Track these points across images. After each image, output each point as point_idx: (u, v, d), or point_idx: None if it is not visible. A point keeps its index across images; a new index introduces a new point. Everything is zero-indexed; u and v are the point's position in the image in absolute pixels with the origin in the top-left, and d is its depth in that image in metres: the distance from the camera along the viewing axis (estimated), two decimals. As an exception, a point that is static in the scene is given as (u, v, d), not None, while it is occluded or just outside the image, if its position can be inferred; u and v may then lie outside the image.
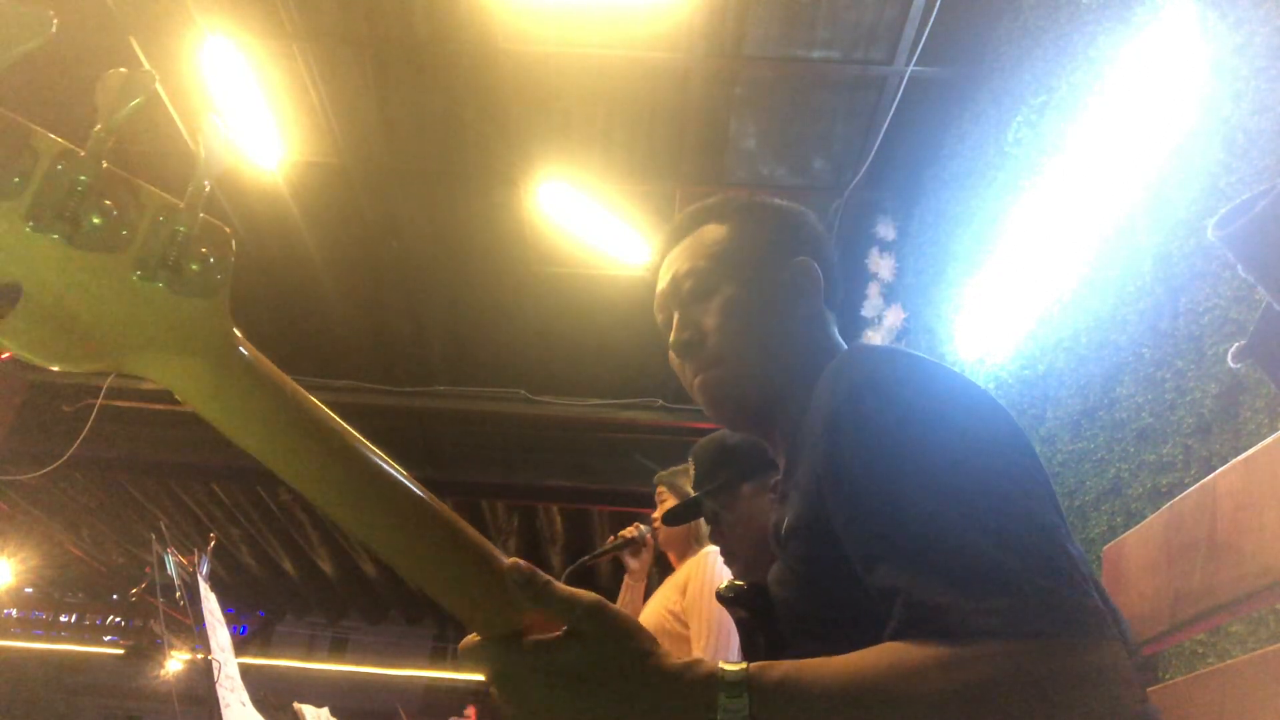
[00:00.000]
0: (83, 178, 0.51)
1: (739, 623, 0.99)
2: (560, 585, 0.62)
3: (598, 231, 4.12)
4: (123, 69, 0.52)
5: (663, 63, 3.54)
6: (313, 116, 3.86)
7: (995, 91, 3.07)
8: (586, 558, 2.61)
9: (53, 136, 0.51)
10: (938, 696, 0.60)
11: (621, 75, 3.60)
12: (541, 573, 0.62)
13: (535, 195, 4.04)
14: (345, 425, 0.63)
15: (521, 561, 0.62)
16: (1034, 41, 2.76)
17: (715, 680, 0.60)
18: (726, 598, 0.99)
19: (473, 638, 0.64)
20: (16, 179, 0.49)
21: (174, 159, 4.03)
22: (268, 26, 3.46)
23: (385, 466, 0.62)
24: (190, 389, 0.57)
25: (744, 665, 0.61)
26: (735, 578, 1.52)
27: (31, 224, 0.50)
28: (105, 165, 0.52)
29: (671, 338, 1.01)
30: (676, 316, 1.02)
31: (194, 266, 0.55)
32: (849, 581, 0.73)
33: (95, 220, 0.51)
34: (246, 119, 3.67)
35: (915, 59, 3.29)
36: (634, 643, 0.61)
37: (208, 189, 0.56)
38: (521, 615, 0.62)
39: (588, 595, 0.62)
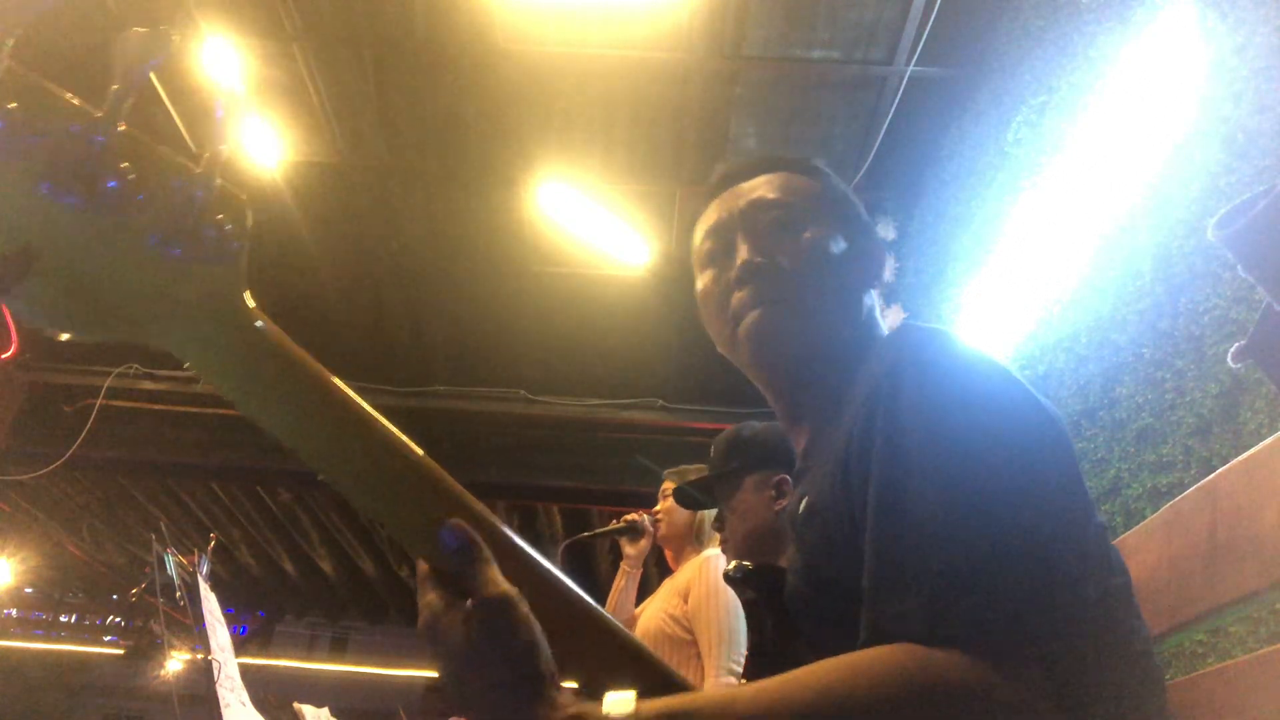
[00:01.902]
0: (99, 139, 0.49)
1: (746, 605, 0.97)
2: (486, 569, 0.57)
3: (598, 231, 4.12)
4: (140, 29, 0.51)
5: (663, 63, 3.54)
6: (313, 116, 3.86)
7: (995, 91, 3.07)
8: (584, 534, 2.65)
9: (68, 96, 0.49)
10: (838, 696, 0.57)
11: (621, 75, 3.60)
12: (480, 547, 0.57)
13: (535, 195, 4.04)
14: (359, 399, 0.62)
15: (462, 527, 0.58)
16: (1034, 41, 2.76)
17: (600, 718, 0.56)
18: (735, 578, 0.97)
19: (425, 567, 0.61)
20: (32, 139, 0.48)
21: (174, 159, 4.03)
22: (267, 27, 3.46)
23: (397, 438, 0.62)
24: (204, 358, 0.56)
25: (632, 703, 0.56)
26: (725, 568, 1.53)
27: (47, 186, 0.48)
28: (122, 127, 0.50)
29: (738, 260, 0.92)
30: (746, 244, 0.92)
31: (210, 233, 0.53)
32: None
33: (111, 184, 0.50)
34: (246, 119, 3.67)
35: (915, 59, 3.29)
36: (522, 667, 0.55)
37: (225, 154, 0.54)
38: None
39: (498, 592, 0.56)
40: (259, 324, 0.57)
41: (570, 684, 0.59)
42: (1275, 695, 0.78)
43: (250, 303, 0.57)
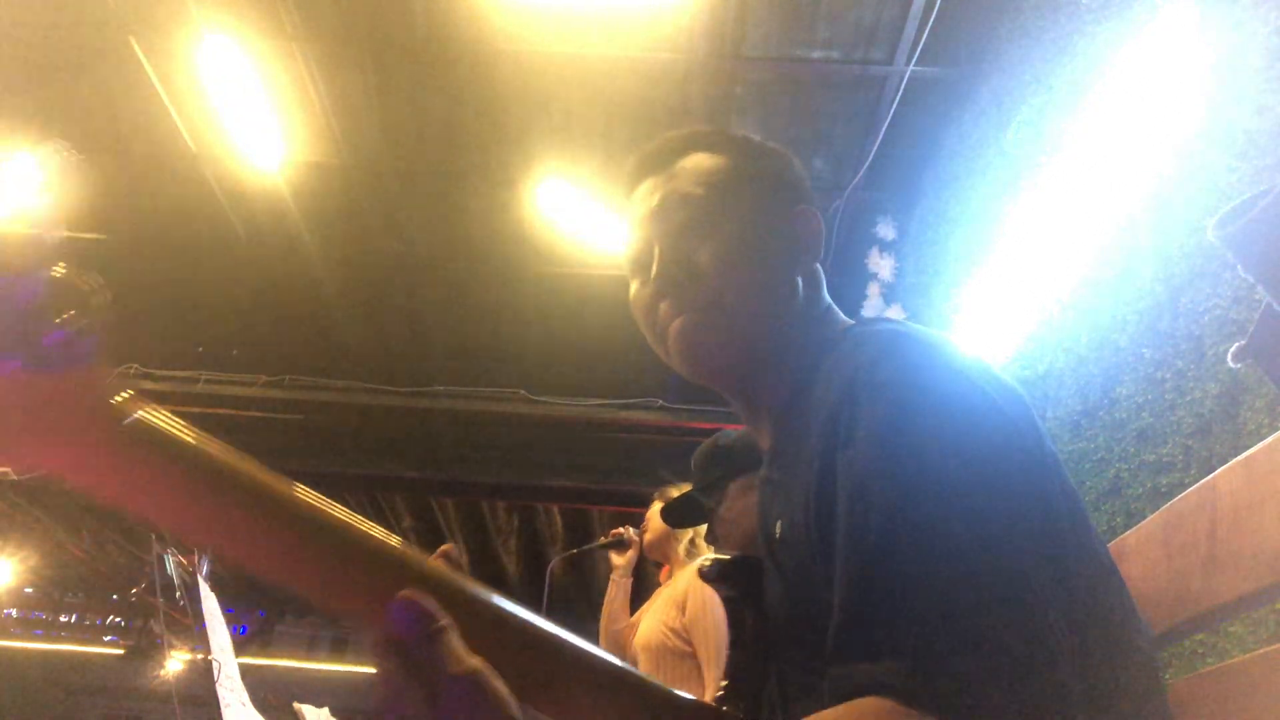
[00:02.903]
0: None
1: (725, 601, 0.94)
2: (447, 643, 0.52)
3: (598, 231, 4.12)
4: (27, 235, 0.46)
5: (663, 63, 3.54)
6: (313, 116, 3.86)
7: (995, 91, 3.07)
8: (574, 550, 2.71)
9: None
10: None
11: (622, 75, 3.60)
12: (435, 619, 0.53)
13: (535, 195, 4.04)
14: (268, 475, 0.54)
15: (412, 600, 0.52)
16: (1034, 41, 2.76)
17: None
18: (709, 575, 0.95)
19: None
20: None
21: (174, 159, 4.03)
22: (268, 27, 3.46)
23: (318, 508, 0.55)
24: (80, 477, 0.49)
25: None
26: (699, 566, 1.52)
27: None
28: None
29: (654, 270, 0.86)
30: (659, 248, 0.87)
31: (54, 336, 0.47)
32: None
33: None
34: (246, 119, 3.67)
35: (915, 59, 3.29)
36: None
37: (57, 238, 0.48)
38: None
39: (462, 670, 0.52)
40: (133, 419, 0.50)
41: None
42: (1275, 695, 0.77)
43: (120, 396, 0.50)
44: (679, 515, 1.98)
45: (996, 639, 0.57)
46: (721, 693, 0.87)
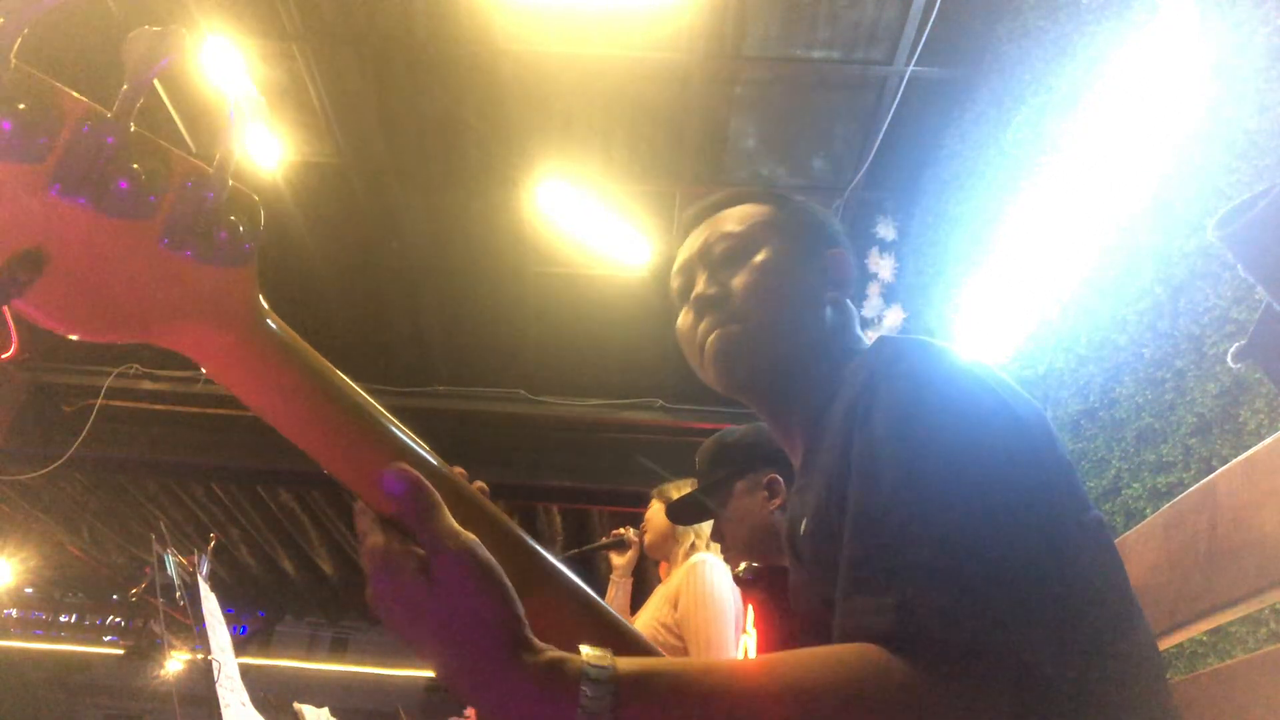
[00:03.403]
0: (109, 140, 0.48)
1: (757, 606, 0.99)
2: (440, 517, 0.55)
3: (598, 231, 4.12)
4: (150, 28, 0.50)
5: (663, 63, 3.54)
6: (313, 116, 3.86)
7: (995, 91, 3.07)
8: (574, 550, 2.71)
9: (78, 96, 0.49)
10: (800, 687, 0.58)
11: (622, 75, 3.60)
12: (430, 492, 0.55)
13: (535, 195, 4.04)
14: (372, 402, 0.62)
15: (407, 470, 0.56)
16: (1034, 41, 2.76)
17: (579, 670, 0.54)
18: (745, 580, 0.99)
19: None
20: (42, 140, 0.47)
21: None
22: (267, 26, 3.46)
23: (409, 443, 0.62)
24: (216, 361, 0.56)
25: (610, 657, 0.56)
26: (734, 571, 1.53)
27: (57, 187, 0.48)
28: (133, 127, 0.50)
29: (695, 292, 0.98)
30: (703, 275, 1.00)
31: (222, 234, 0.53)
32: None
33: (122, 185, 0.49)
34: (259, 119, 3.67)
35: (915, 59, 3.29)
36: (492, 616, 0.54)
37: (237, 155, 0.54)
38: None
39: (457, 545, 0.54)
40: (273, 326, 0.58)
41: None
42: (1275, 695, 0.78)
43: (263, 304, 0.57)
44: (684, 513, 1.98)
45: (990, 595, 0.60)
46: None
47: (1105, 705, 0.66)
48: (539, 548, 0.64)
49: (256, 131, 3.73)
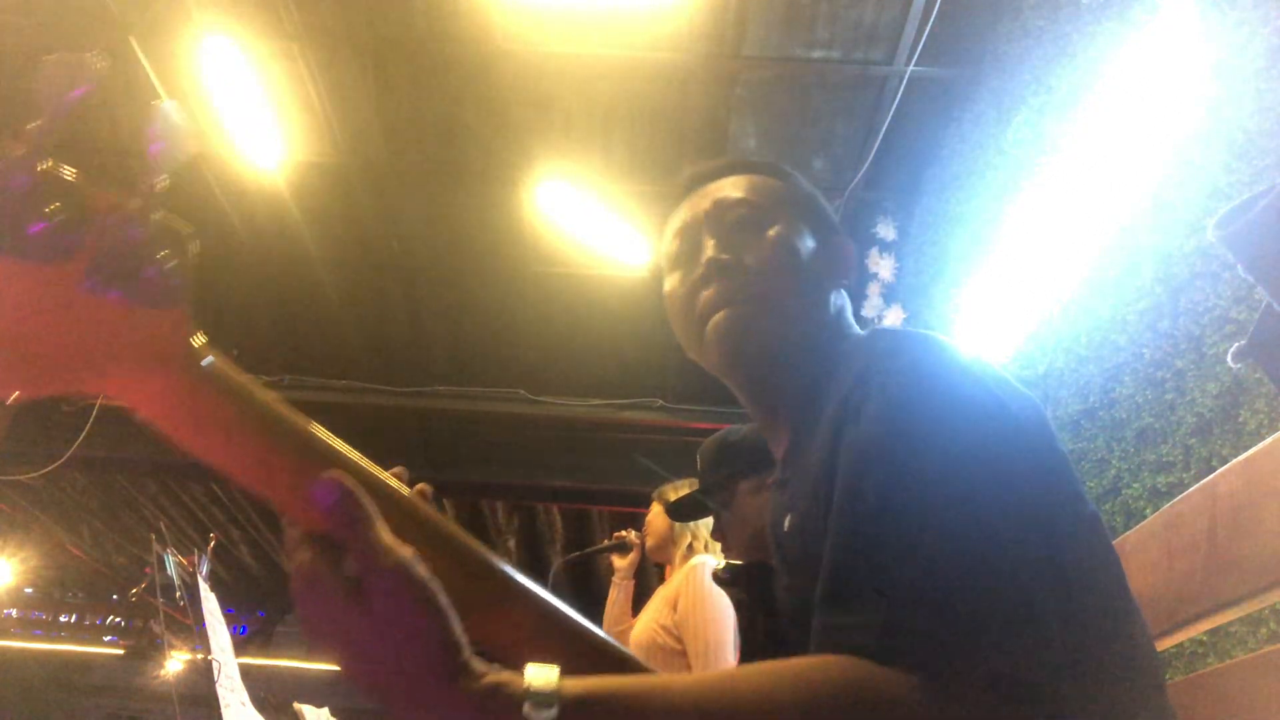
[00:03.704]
0: (20, 179, 0.45)
1: (737, 605, 0.96)
2: (372, 529, 0.50)
3: (598, 231, 4.12)
4: (64, 54, 0.47)
5: (663, 63, 3.54)
6: (313, 116, 3.86)
7: (995, 91, 3.07)
8: (576, 554, 2.71)
9: None
10: (759, 698, 0.56)
11: (622, 75, 3.60)
12: (361, 503, 0.51)
13: (535, 195, 4.04)
14: (319, 427, 0.57)
15: (338, 480, 0.51)
16: (1034, 41, 2.76)
17: (522, 693, 0.52)
18: (723, 579, 0.97)
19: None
20: None
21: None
22: (268, 27, 3.46)
23: (348, 457, 0.57)
24: (153, 407, 0.51)
25: (555, 679, 0.53)
26: (714, 570, 1.52)
27: None
28: (47, 164, 0.46)
29: (707, 256, 0.91)
30: (713, 240, 0.92)
31: (150, 272, 0.49)
32: None
33: (36, 227, 0.46)
34: (246, 119, 3.67)
35: (915, 59, 3.29)
36: (430, 639, 0.50)
37: (162, 184, 0.50)
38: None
39: (391, 560, 0.50)
40: (211, 364, 0.53)
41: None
42: (1275, 695, 0.78)
43: (199, 340, 0.52)
44: (685, 511, 1.98)
45: (979, 613, 0.58)
46: None
47: (1100, 710, 0.66)
48: (492, 558, 0.60)
49: (248, 129, 3.73)
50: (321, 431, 0.57)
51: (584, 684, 0.53)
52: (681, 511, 1.96)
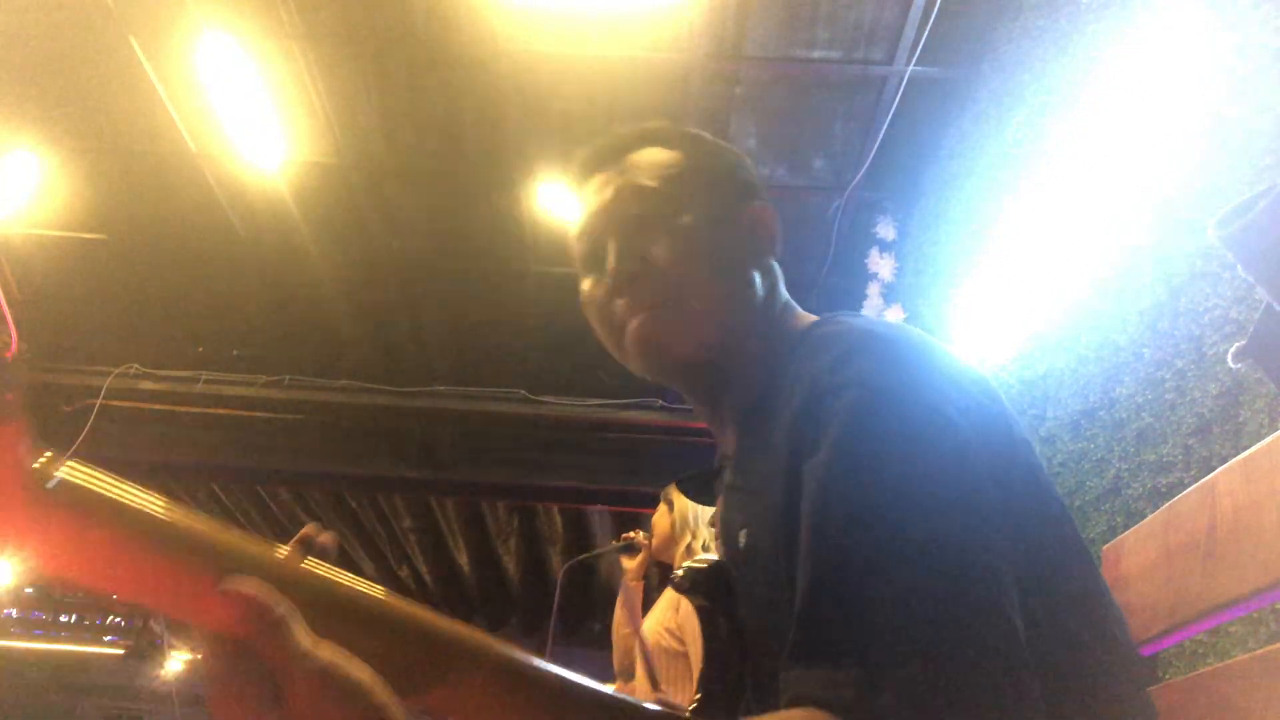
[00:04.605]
0: None
1: (698, 610, 0.90)
2: (288, 634, 0.45)
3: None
4: None
5: (663, 63, 3.54)
6: (313, 116, 3.86)
7: (995, 91, 3.07)
8: (583, 555, 2.69)
9: None
10: None
11: (621, 76, 3.60)
12: (270, 610, 0.45)
13: (535, 195, 4.04)
14: (209, 523, 0.50)
15: (239, 588, 0.45)
16: (1034, 41, 2.76)
17: None
18: (682, 586, 0.91)
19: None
20: None
21: (174, 159, 4.03)
22: (268, 26, 3.46)
23: (249, 549, 0.49)
24: (10, 547, 0.45)
25: None
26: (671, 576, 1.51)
27: None
28: None
29: (611, 265, 0.84)
30: (615, 245, 0.85)
31: None
32: None
33: None
34: (246, 119, 3.67)
35: (915, 59, 3.29)
36: None
37: None
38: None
39: (310, 663, 0.46)
40: (54, 482, 0.46)
41: None
42: (1275, 695, 0.77)
43: (39, 460, 0.46)
44: (693, 487, 1.97)
45: (946, 655, 0.56)
46: (696, 702, 0.87)
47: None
48: (444, 621, 0.53)
49: (249, 128, 3.73)
50: (212, 525, 0.50)
51: None
52: (689, 486, 1.97)
